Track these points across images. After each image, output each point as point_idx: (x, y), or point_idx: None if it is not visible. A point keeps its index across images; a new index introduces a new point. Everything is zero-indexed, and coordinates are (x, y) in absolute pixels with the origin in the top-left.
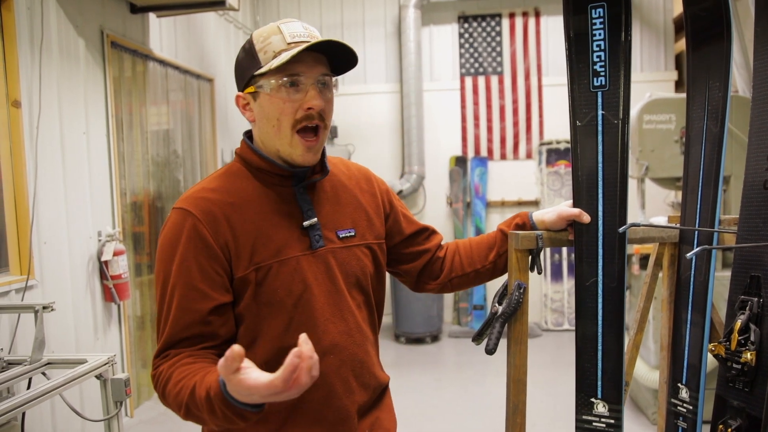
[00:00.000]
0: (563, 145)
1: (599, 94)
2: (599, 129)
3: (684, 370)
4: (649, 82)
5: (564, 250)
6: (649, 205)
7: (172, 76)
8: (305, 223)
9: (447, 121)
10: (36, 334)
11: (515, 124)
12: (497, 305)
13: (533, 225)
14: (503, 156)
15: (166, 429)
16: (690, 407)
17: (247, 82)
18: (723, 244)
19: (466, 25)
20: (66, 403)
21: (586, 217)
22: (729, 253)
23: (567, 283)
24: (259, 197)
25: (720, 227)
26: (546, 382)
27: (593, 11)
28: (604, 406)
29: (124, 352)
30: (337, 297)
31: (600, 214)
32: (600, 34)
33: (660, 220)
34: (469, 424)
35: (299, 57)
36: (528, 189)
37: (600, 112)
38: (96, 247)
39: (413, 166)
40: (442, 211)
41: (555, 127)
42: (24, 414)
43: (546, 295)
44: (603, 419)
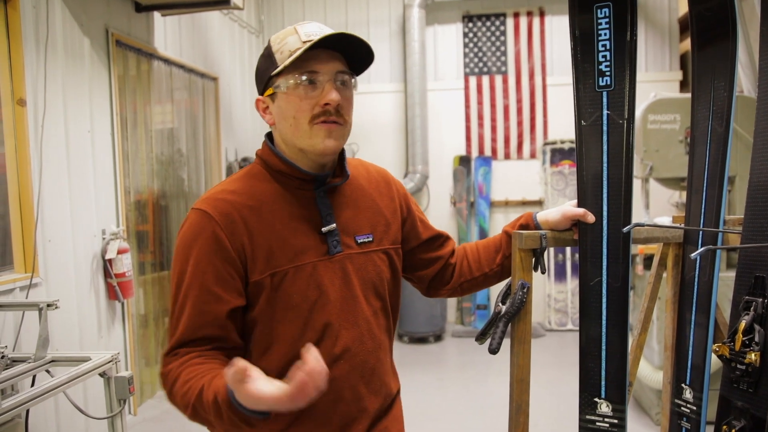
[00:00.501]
0: (567, 145)
1: (604, 93)
2: (604, 129)
3: (688, 370)
4: (654, 81)
5: (568, 250)
6: (654, 206)
7: (176, 74)
8: (324, 229)
9: (451, 121)
10: (40, 331)
11: (519, 123)
12: (501, 305)
13: (537, 225)
14: (507, 156)
15: (169, 427)
16: (694, 408)
17: (266, 84)
18: (727, 244)
19: (470, 25)
20: (70, 401)
21: (590, 217)
22: (733, 254)
23: (570, 283)
24: (279, 200)
25: (724, 227)
26: (549, 381)
27: (599, 11)
28: (607, 406)
29: (127, 350)
30: (352, 303)
31: (604, 213)
32: (605, 33)
33: (664, 220)
34: (472, 423)
35: (314, 54)
36: (532, 189)
37: (605, 111)
38: (100, 245)
39: (417, 165)
40: (445, 211)
41: (559, 127)
42: (28, 411)
43: (549, 295)
44: (606, 419)
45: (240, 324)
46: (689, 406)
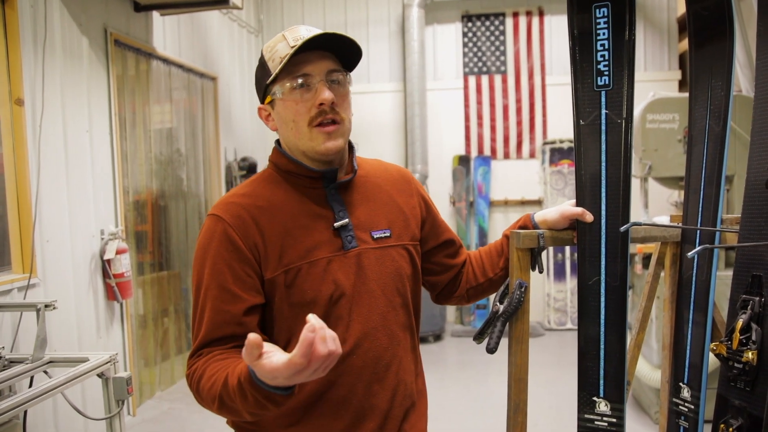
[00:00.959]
0: (566, 145)
1: (603, 93)
2: (603, 128)
3: (686, 369)
4: (653, 81)
5: (567, 249)
6: (652, 205)
7: (175, 74)
8: (336, 224)
9: (450, 121)
10: (38, 332)
11: (518, 123)
12: (498, 304)
13: (535, 225)
14: (506, 155)
15: (168, 427)
16: (692, 406)
17: (264, 93)
18: (725, 243)
19: (469, 24)
20: (68, 402)
21: (589, 216)
22: (731, 253)
23: (570, 283)
24: (289, 200)
25: (722, 226)
26: (549, 380)
27: (597, 10)
28: (606, 404)
29: (126, 350)
30: (367, 298)
31: (603, 213)
32: (604, 33)
33: (663, 219)
34: (472, 422)
35: (304, 57)
36: (531, 188)
37: (603, 111)
38: (98, 246)
39: (416, 165)
40: (445, 211)
41: (558, 127)
42: (26, 412)
43: (549, 295)
44: (605, 418)
45: (261, 321)
46: (687, 404)
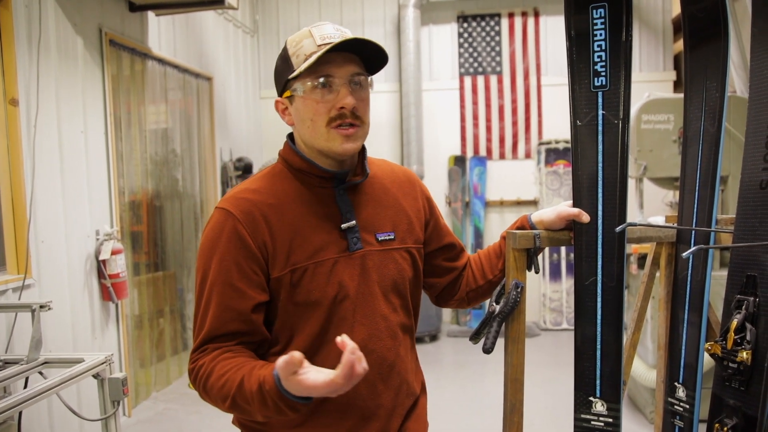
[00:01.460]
0: (562, 145)
1: (600, 94)
2: (600, 129)
3: (681, 369)
4: (648, 82)
5: (563, 249)
6: (648, 205)
7: (170, 74)
8: (343, 226)
9: (446, 121)
10: (33, 333)
11: (514, 123)
12: (495, 304)
13: (532, 225)
14: (502, 155)
15: (163, 428)
16: (687, 406)
17: (284, 87)
18: (720, 243)
19: (465, 25)
20: (63, 403)
21: (585, 217)
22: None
23: (566, 283)
24: (299, 198)
25: (717, 227)
26: (545, 381)
27: (594, 11)
28: (602, 404)
29: (121, 351)
30: (370, 299)
31: (599, 213)
32: (601, 34)
33: (658, 219)
34: (468, 422)
35: (329, 57)
36: (527, 188)
37: (600, 111)
38: (94, 246)
39: (412, 165)
40: (441, 211)
41: (554, 127)
42: (21, 413)
43: (545, 295)
44: (601, 418)
45: (265, 318)
46: (682, 404)
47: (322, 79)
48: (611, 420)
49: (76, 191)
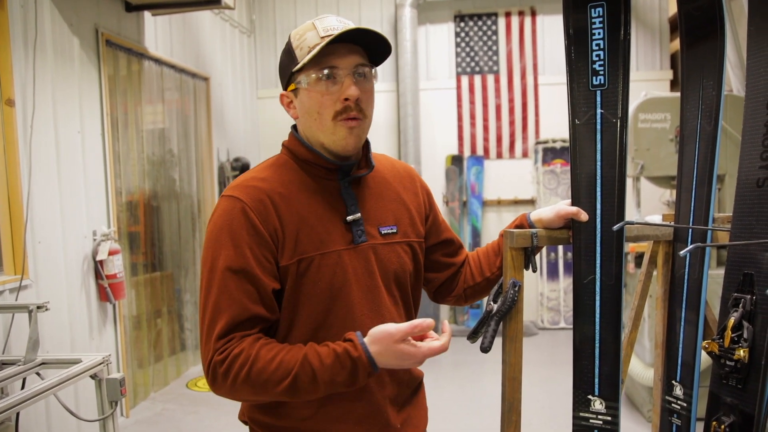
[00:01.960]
0: (559, 144)
1: (598, 92)
2: (598, 128)
3: (678, 367)
4: (645, 81)
5: (560, 248)
6: (645, 204)
7: (167, 74)
8: (348, 218)
9: (443, 120)
10: (30, 333)
11: (511, 123)
12: (492, 303)
13: (531, 224)
14: (499, 155)
15: (161, 429)
16: (684, 404)
17: (288, 80)
18: (717, 241)
19: (462, 24)
20: (60, 403)
21: (584, 215)
22: (723, 251)
23: (563, 282)
24: (306, 189)
25: (714, 225)
26: (543, 379)
27: (593, 10)
28: (601, 403)
29: (119, 351)
30: (375, 292)
31: (598, 212)
32: (599, 33)
33: (655, 218)
34: (466, 422)
35: (333, 49)
36: (524, 188)
37: (599, 110)
38: (91, 247)
39: (409, 165)
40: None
41: (551, 126)
42: (18, 414)
43: (542, 294)
44: (600, 416)
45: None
46: (680, 402)
47: (326, 71)
48: (610, 418)
49: (73, 192)
